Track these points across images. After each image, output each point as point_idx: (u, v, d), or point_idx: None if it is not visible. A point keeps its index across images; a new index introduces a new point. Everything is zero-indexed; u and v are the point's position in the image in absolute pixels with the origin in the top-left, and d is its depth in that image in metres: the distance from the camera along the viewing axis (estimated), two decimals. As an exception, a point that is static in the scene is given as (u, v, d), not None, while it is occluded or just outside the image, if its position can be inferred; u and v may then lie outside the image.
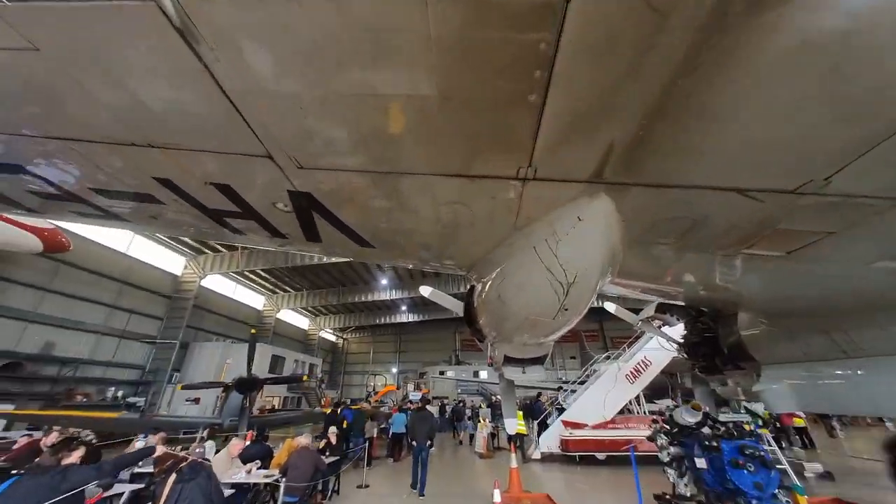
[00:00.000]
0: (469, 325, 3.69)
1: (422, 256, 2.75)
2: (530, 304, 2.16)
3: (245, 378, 9.74)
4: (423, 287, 6.92)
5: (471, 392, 34.14)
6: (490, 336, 3.28)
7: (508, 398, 5.87)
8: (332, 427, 7.28)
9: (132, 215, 2.26)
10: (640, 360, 10.96)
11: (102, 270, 16.87)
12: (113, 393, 16.33)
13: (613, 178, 1.49)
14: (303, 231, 2.12)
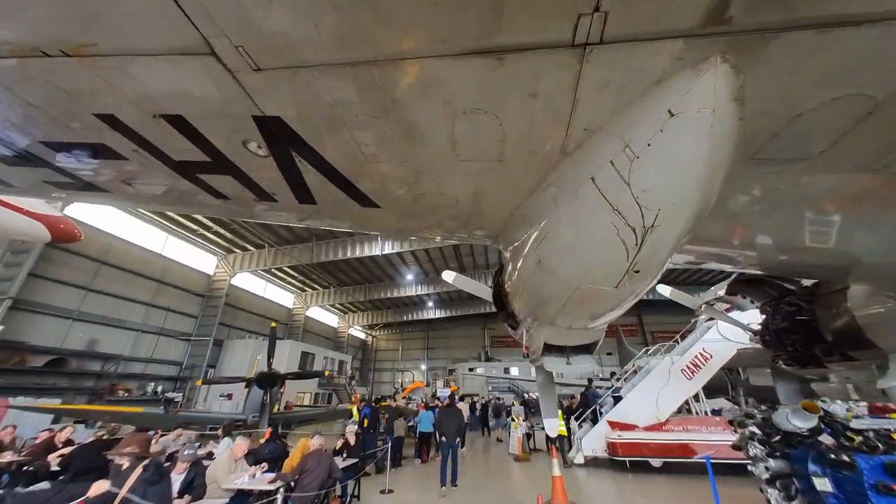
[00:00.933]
0: (499, 309, 3.26)
1: (438, 218, 2.19)
2: (584, 267, 1.67)
3: (265, 373, 9.40)
4: (447, 273, 6.23)
5: (501, 389, 33.16)
6: (526, 320, 2.79)
7: (547, 395, 5.03)
8: (349, 426, 6.62)
9: (105, 181, 2.03)
10: (697, 354, 9.51)
11: (140, 270, 17.49)
12: (153, 388, 16.91)
13: (745, 20, 0.87)
14: (290, 186, 1.79)
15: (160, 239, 18.89)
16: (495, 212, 1.90)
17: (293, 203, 1.98)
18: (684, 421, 8.98)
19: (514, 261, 2.16)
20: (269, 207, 2.13)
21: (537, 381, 5.54)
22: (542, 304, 2.19)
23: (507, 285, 2.64)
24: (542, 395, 5.48)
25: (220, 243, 21.14)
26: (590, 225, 1.46)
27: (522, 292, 2.33)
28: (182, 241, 20.03)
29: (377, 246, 20.66)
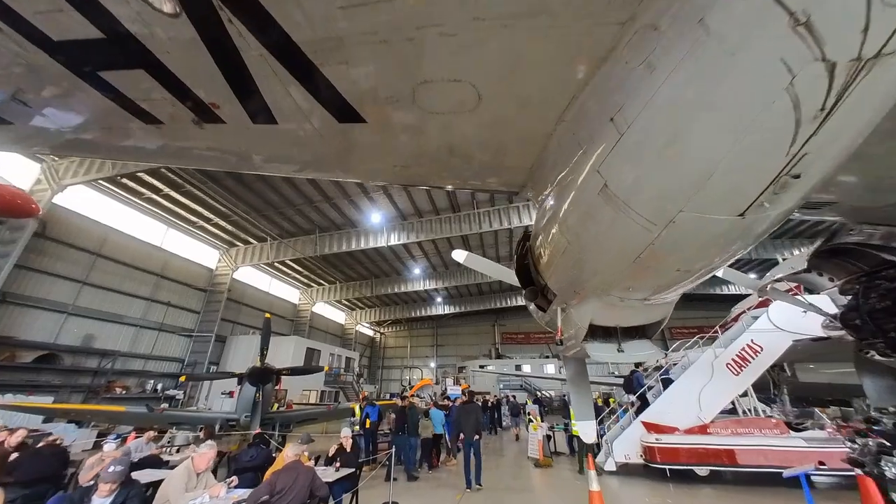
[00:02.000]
0: (525, 285, 2.67)
1: (450, 139, 1.52)
2: (695, 175, 1.03)
3: (257, 368, 8.52)
4: (457, 252, 5.31)
5: (513, 387, 32.18)
6: (565, 294, 2.17)
7: (581, 391, 4.25)
8: (345, 430, 5.65)
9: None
10: (745, 346, 8.29)
11: (138, 264, 16.91)
12: (153, 385, 16.32)
13: None
14: (229, 83, 1.28)
15: (160, 231, 18.30)
16: (531, 135, 1.40)
17: (244, 121, 1.46)
18: (734, 423, 7.78)
19: (555, 206, 1.60)
20: (217, 138, 1.62)
21: (568, 374, 4.33)
22: (598, 264, 1.63)
23: (540, 249, 2.12)
24: (575, 391, 4.34)
25: (221, 236, 20.50)
26: (730, 81, 0.83)
27: (565, 252, 1.73)
28: (182, 235, 19.43)
29: (382, 237, 19.75)
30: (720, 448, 7.37)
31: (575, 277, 1.86)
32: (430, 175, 2.06)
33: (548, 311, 2.74)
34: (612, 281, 1.68)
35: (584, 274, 1.77)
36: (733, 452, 7.28)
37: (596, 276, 1.72)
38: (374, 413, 9.09)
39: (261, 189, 16.56)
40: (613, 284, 1.71)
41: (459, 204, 18.96)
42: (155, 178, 15.14)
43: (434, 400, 12.52)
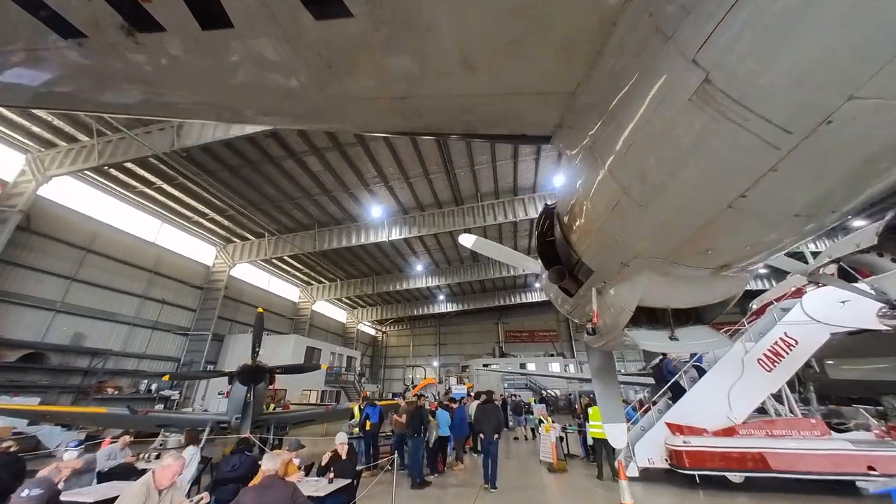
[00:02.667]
0: (549, 264, 2.27)
1: (466, 48, 1.08)
2: (851, 72, 0.68)
3: (248, 366, 7.90)
4: (464, 236, 4.72)
5: (518, 386, 31.54)
6: (608, 266, 1.77)
7: (609, 388, 3.88)
8: (340, 435, 5.00)
9: None
10: (777, 339, 7.60)
11: (131, 260, 16.36)
12: (146, 386, 15.75)
13: None
14: None
15: (154, 227, 17.73)
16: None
17: (189, 25, 1.03)
18: (768, 423, 7.10)
19: (607, 142, 1.15)
20: (161, 58, 1.18)
21: (592, 369, 3.92)
22: (671, 214, 1.16)
23: (574, 214, 1.70)
24: (602, 388, 3.92)
25: (217, 232, 19.91)
26: None
27: (617, 207, 1.27)
28: (177, 230, 18.86)
29: (383, 232, 19.12)
30: (755, 452, 6.69)
31: (627, 241, 1.44)
32: (439, 111, 1.43)
33: (577, 294, 2.39)
34: (685, 240, 1.23)
35: (644, 232, 1.34)
36: (769, 456, 6.61)
37: (663, 233, 1.28)
38: (375, 414, 8.45)
39: (257, 181, 15.94)
40: (686, 246, 1.26)
41: (463, 197, 18.30)
42: (146, 170, 14.55)
43: (439, 400, 11.87)
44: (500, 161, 15.82)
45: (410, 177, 16.43)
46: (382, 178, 16.34)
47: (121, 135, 11.97)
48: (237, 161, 14.51)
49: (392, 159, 15.08)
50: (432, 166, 15.85)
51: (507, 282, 31.81)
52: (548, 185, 17.61)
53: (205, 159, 14.25)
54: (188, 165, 14.19)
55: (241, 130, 11.25)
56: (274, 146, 13.93)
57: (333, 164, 15.20)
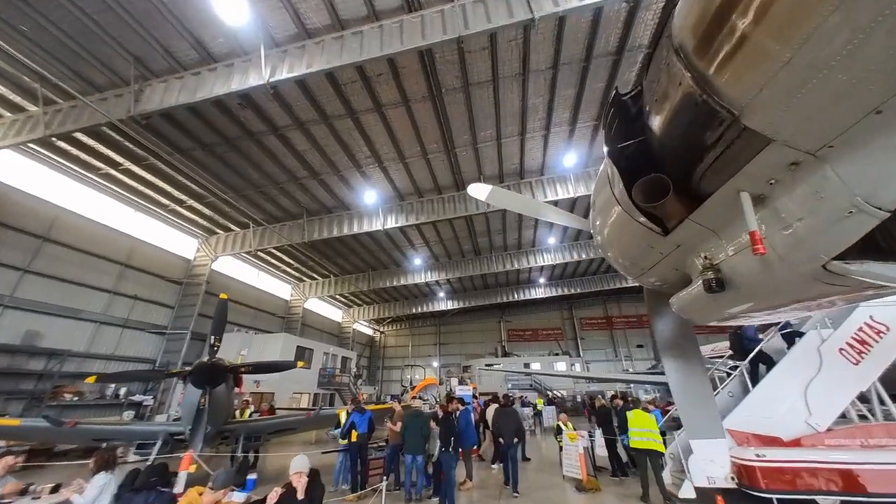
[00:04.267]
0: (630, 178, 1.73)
1: None
2: None
3: (203, 364, 6.35)
4: (475, 186, 3.78)
5: (522, 387, 30.08)
6: (827, 121, 0.95)
7: (694, 384, 2.66)
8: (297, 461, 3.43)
9: None
10: (862, 325, 6.12)
11: (99, 251, 14.78)
12: (113, 390, 14.14)
13: None
14: None
15: (126, 215, 16.15)
16: None
17: None
18: (863, 430, 5.59)
19: None
20: None
21: (667, 357, 2.79)
22: None
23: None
24: (685, 385, 2.72)
25: (197, 222, 18.33)
26: None
27: None
28: (153, 220, 17.28)
29: (378, 220, 17.58)
30: (853, 468, 5.17)
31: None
32: None
33: (684, 225, 1.66)
34: None
35: None
36: (866, 475, 5.10)
37: None
38: (363, 422, 6.91)
39: (236, 162, 14.39)
40: None
41: (464, 181, 16.78)
42: (109, 148, 12.98)
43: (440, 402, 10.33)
44: (506, 139, 14.33)
45: (407, 157, 14.91)
46: (376, 159, 14.82)
47: (73, 102, 10.43)
48: (212, 137, 12.97)
49: (386, 135, 13.56)
50: (431, 144, 14.33)
51: (510, 277, 30.31)
52: (557, 167, 16.13)
53: (175, 135, 12.70)
54: (157, 143, 12.63)
55: (209, 93, 9.72)
56: (252, 119, 12.39)
57: (321, 141, 13.67)
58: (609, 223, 2.20)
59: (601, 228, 2.37)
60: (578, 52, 10.97)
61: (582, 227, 3.56)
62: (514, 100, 12.52)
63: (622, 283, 31.00)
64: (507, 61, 11.11)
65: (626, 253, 2.39)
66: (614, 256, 2.51)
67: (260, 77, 9.32)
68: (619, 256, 2.47)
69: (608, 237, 2.35)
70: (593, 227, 2.55)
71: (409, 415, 7.09)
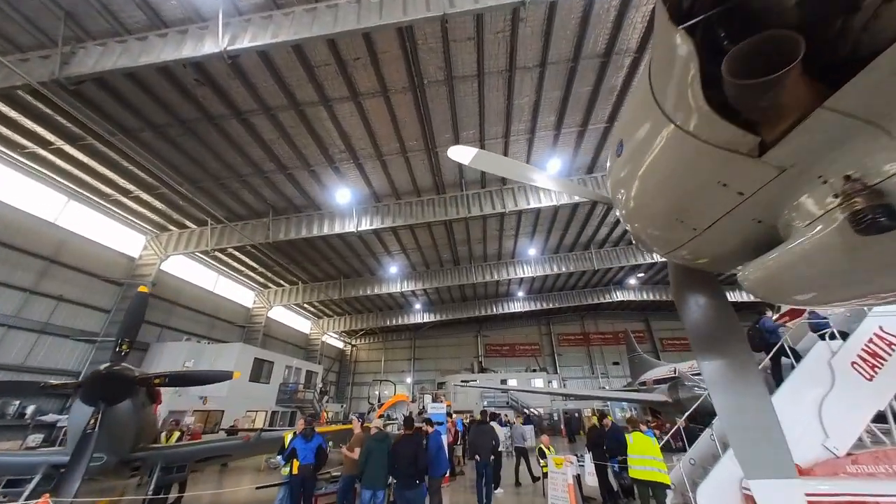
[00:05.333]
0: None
1: None
2: None
3: (99, 373, 4.92)
4: (455, 149, 3.27)
5: (498, 405, 28.84)
6: None
7: (750, 388, 1.89)
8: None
9: None
10: (872, 337, 5.61)
11: (13, 241, 12.65)
12: (17, 408, 11.81)
13: None
14: None
15: (57, 203, 14.12)
16: None
17: None
18: (888, 455, 4.93)
19: None
20: None
21: (697, 339, 2.07)
22: None
23: None
24: (739, 403, 1.93)
25: (147, 216, 16.41)
26: None
27: None
28: (92, 210, 15.26)
29: (351, 222, 16.38)
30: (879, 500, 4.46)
31: None
32: None
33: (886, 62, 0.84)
34: None
35: None
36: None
37: None
38: (308, 451, 5.59)
39: (192, 149, 12.93)
40: None
41: (445, 184, 16.02)
42: (37, 123, 11.24)
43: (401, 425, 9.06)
44: (489, 140, 13.74)
45: (385, 154, 13.99)
46: (351, 154, 13.79)
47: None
48: (163, 117, 11.54)
49: (363, 128, 12.61)
50: (411, 142, 13.51)
51: (488, 289, 29.53)
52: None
53: (118, 112, 11.19)
54: (97, 119, 11.03)
55: (156, 58, 8.47)
56: (211, 99, 11.12)
57: (290, 130, 12.52)
58: (649, 160, 1.40)
59: (632, 173, 1.55)
60: (567, 50, 10.62)
61: (575, 194, 2.98)
62: (499, 98, 11.98)
63: (600, 299, 30.96)
64: (493, 55, 10.58)
65: (673, 205, 1.55)
66: (648, 214, 1.65)
67: (216, 45, 8.20)
68: (656, 215, 1.61)
69: (645, 185, 1.56)
70: (616, 180, 1.72)
71: (372, 438, 5.87)
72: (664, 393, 16.15)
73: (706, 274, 2.11)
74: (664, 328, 37.10)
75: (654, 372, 22.73)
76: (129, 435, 5.42)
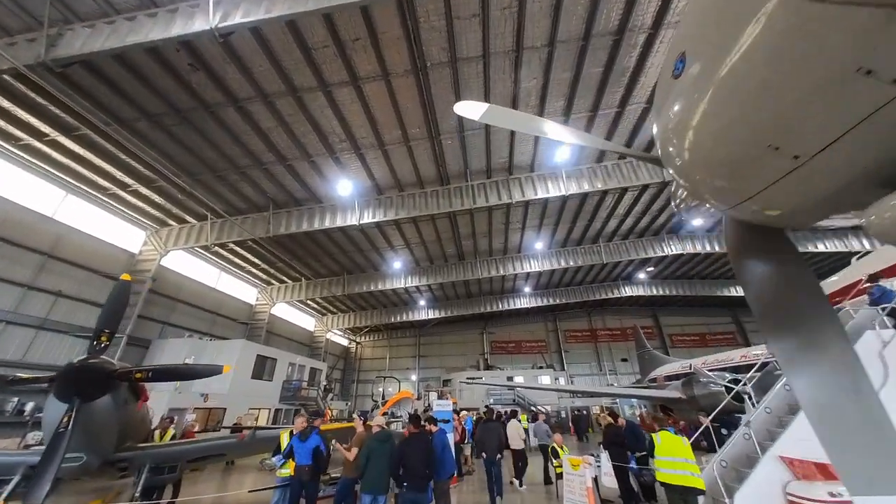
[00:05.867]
0: None
1: None
2: None
3: (73, 367, 4.53)
4: (463, 104, 2.74)
5: (505, 402, 28.42)
6: None
7: (845, 378, 1.23)
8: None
9: None
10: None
11: (11, 236, 12.42)
12: (16, 405, 11.58)
13: None
14: None
15: (55, 197, 13.87)
16: None
17: None
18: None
19: None
20: None
21: (775, 325, 1.54)
22: None
23: None
24: (825, 381, 1.34)
25: (146, 211, 16.14)
26: None
27: None
28: (91, 205, 15.01)
29: (352, 215, 15.95)
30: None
31: None
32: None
33: None
34: None
35: None
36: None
37: None
38: (305, 453, 5.15)
39: (189, 139, 12.57)
40: None
41: (450, 175, 15.53)
42: (30, 113, 10.94)
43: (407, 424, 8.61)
44: (495, 127, 13.19)
45: (387, 143, 13.52)
46: (352, 144, 13.34)
47: (-27, 45, 8.50)
48: (158, 106, 11.17)
49: (364, 115, 12.14)
50: (413, 129, 13.02)
51: (494, 285, 28.99)
52: (548, 163, 15.14)
53: (112, 100, 10.85)
54: (90, 108, 10.70)
55: (144, 37, 8.07)
56: (206, 86, 10.72)
57: (288, 118, 12.10)
58: (735, 62, 0.98)
59: (702, 92, 1.12)
60: (577, 27, 10.04)
61: (599, 146, 2.64)
62: (505, 81, 11.43)
63: (608, 294, 30.27)
64: (499, 34, 10.04)
65: (771, 123, 1.04)
66: (725, 147, 1.18)
67: (207, 22, 7.78)
68: (738, 144, 1.16)
69: (725, 102, 1.09)
70: (673, 112, 1.28)
71: (373, 438, 5.43)
72: (678, 389, 15.58)
73: (777, 232, 1.63)
74: (674, 324, 36.33)
75: (665, 368, 22.11)
76: (111, 433, 5.04)
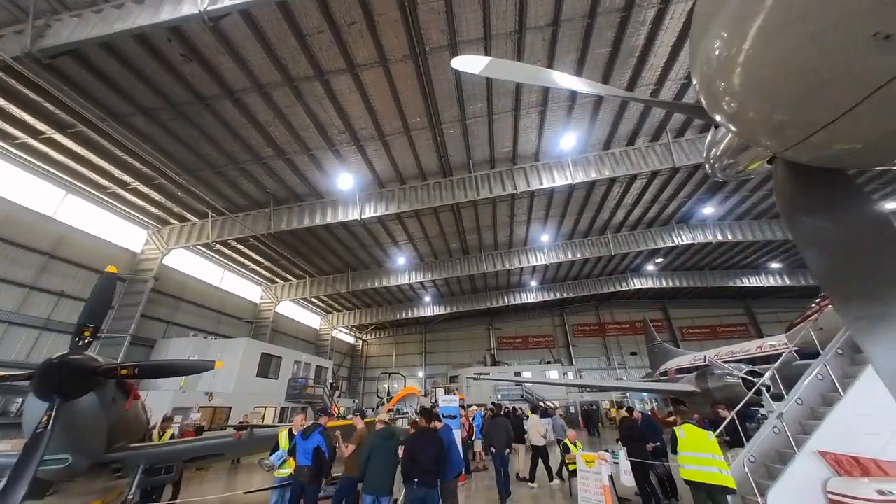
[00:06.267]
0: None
1: None
2: None
3: (52, 363, 4.30)
4: (462, 58, 2.50)
5: (513, 398, 28.16)
6: None
7: None
8: None
9: None
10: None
11: (12, 237, 12.34)
12: (20, 406, 11.51)
13: None
14: None
15: (55, 197, 13.78)
16: None
17: None
18: None
19: None
20: None
21: (834, 268, 1.30)
22: None
23: None
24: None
25: (146, 209, 16.01)
26: None
27: None
28: (92, 204, 14.91)
29: (354, 209, 15.66)
30: None
31: None
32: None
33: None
34: None
35: None
36: None
37: None
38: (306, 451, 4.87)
39: (186, 135, 12.34)
40: None
41: (452, 166, 15.14)
42: (25, 111, 10.77)
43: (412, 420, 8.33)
44: (498, 114, 12.78)
45: (387, 134, 13.17)
46: (351, 135, 13.01)
47: (-39, 39, 8.31)
48: (153, 100, 10.94)
49: (362, 105, 11.79)
50: (414, 118, 12.65)
51: (500, 279, 28.62)
52: (553, 151, 14.68)
53: (107, 95, 10.63)
54: (85, 104, 10.49)
55: (132, 24, 7.79)
56: (201, 78, 10.45)
57: (285, 110, 11.79)
58: None
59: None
60: (582, 5, 9.56)
61: (615, 94, 2.31)
62: (508, 65, 10.98)
63: (616, 287, 29.71)
64: (501, 14, 9.60)
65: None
66: (791, 71, 0.74)
67: (195, 6, 7.47)
68: (808, 66, 0.66)
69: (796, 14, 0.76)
70: (726, 34, 0.97)
71: (375, 435, 5.13)
72: (691, 382, 15.12)
73: (839, 174, 1.27)
74: (684, 316, 35.67)
75: (676, 361, 21.59)
76: (99, 433, 4.80)
